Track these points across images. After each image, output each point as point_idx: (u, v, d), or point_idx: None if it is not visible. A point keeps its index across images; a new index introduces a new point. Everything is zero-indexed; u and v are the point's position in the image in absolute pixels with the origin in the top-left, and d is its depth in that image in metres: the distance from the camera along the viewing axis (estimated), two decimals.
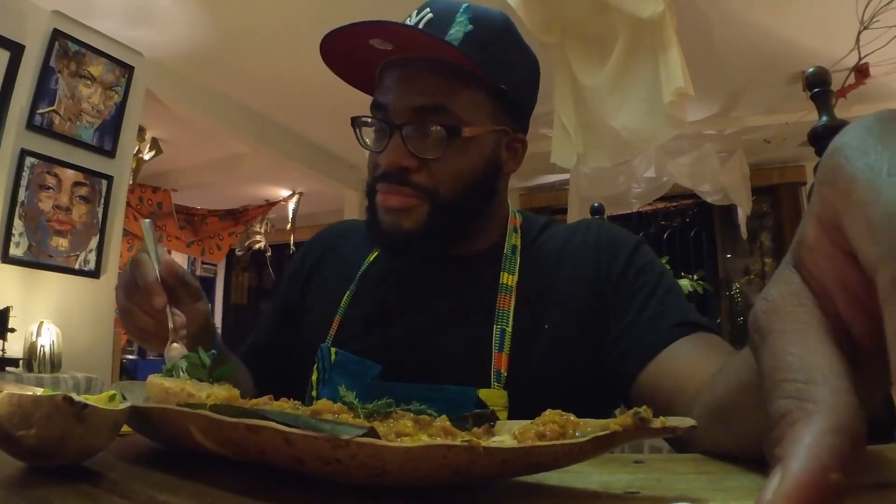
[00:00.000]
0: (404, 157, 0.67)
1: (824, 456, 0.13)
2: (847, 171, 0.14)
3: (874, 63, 2.77)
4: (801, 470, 0.13)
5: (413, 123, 0.67)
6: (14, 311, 2.44)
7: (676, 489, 0.34)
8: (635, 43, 2.05)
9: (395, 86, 0.69)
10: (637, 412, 0.32)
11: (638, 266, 0.70)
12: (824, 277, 0.17)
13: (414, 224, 0.68)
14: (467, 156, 0.69)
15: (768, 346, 0.16)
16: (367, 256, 0.81)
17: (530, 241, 0.76)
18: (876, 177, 0.14)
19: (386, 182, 0.69)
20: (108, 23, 2.89)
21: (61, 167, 2.80)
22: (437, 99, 0.67)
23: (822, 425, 0.13)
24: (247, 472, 0.36)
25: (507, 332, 0.67)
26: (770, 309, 0.17)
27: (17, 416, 0.31)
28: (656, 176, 3.78)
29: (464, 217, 0.71)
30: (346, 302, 0.77)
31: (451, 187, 0.68)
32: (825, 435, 0.13)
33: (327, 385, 0.71)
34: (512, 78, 0.71)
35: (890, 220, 0.13)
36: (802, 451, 0.13)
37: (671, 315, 0.65)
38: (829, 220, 0.16)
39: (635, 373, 0.63)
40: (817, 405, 0.14)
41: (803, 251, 0.17)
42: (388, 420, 0.39)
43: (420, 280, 0.76)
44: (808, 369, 0.15)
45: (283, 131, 4.21)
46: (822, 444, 0.13)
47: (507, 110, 0.72)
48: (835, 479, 0.13)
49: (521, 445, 0.30)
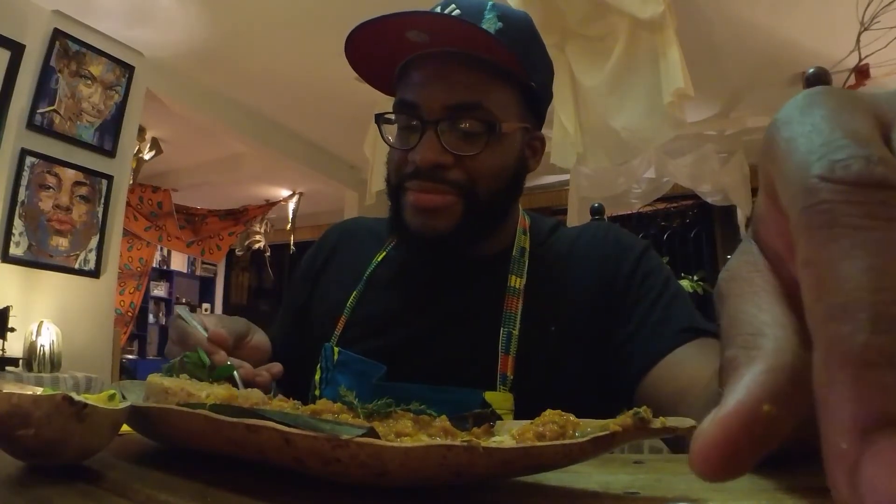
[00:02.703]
0: (440, 153, 0.65)
1: (757, 390, 0.14)
2: (776, 141, 0.15)
3: (874, 64, 2.77)
4: (734, 401, 0.14)
5: (448, 120, 0.65)
6: (14, 310, 2.44)
7: (676, 489, 0.34)
8: (635, 43, 2.05)
9: (426, 82, 0.67)
10: (637, 412, 0.32)
11: (645, 271, 0.70)
12: (775, 243, 0.18)
13: (447, 223, 0.67)
14: (502, 153, 0.68)
15: (725, 309, 0.17)
16: (376, 256, 0.80)
17: (539, 244, 0.76)
18: (793, 141, 0.15)
19: (419, 180, 0.66)
20: (109, 22, 2.89)
21: (61, 167, 2.80)
22: (474, 96, 0.65)
23: (760, 366, 0.14)
24: (247, 472, 0.36)
25: (513, 335, 0.67)
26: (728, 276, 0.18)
27: (16, 416, 0.31)
28: (656, 176, 3.77)
29: (495, 216, 0.71)
30: (352, 302, 0.76)
31: (488, 186, 0.67)
32: (761, 373, 0.14)
33: (331, 385, 0.70)
34: (538, 78, 0.71)
35: (797, 171, 0.14)
36: (739, 387, 0.14)
37: (676, 320, 0.65)
38: (768, 189, 0.17)
39: (639, 376, 0.63)
40: (760, 350, 0.15)
41: (757, 223, 0.18)
42: (388, 420, 0.39)
43: (428, 282, 0.75)
44: (757, 323, 0.16)
45: (283, 131, 4.21)
46: (757, 380, 0.14)
47: (531, 108, 0.72)
48: (766, 409, 0.13)
49: (520, 446, 0.30)
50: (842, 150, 0.13)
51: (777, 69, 3.18)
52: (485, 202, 0.68)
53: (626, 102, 2.10)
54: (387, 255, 0.79)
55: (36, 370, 2.49)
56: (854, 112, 0.15)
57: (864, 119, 0.14)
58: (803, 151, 0.14)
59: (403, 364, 0.68)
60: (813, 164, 0.13)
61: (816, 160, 0.13)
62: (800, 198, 0.13)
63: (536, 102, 0.73)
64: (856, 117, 0.14)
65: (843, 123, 0.14)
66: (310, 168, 4.52)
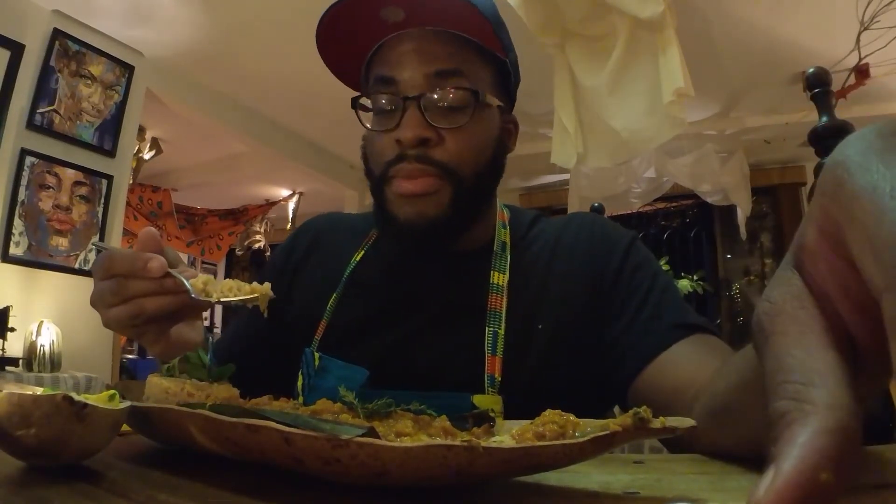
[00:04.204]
0: (425, 128, 0.63)
1: (816, 456, 0.13)
2: (849, 188, 0.15)
3: (874, 63, 2.77)
4: (792, 469, 0.13)
5: (430, 91, 0.63)
6: (14, 310, 2.44)
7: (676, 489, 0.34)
8: (635, 43, 2.05)
9: (404, 57, 0.65)
10: (637, 412, 0.32)
11: (634, 263, 0.69)
12: (825, 281, 0.17)
13: (436, 210, 0.65)
14: (484, 129, 0.67)
15: (770, 348, 0.17)
16: (354, 255, 0.77)
17: (520, 238, 0.74)
18: (879, 198, 0.14)
19: (404, 163, 0.64)
20: (109, 22, 2.89)
21: (61, 167, 2.80)
22: (454, 64, 0.64)
23: (817, 426, 0.14)
24: (247, 472, 0.36)
25: (499, 334, 0.65)
26: (772, 311, 0.17)
27: (16, 416, 0.31)
28: (656, 176, 3.78)
29: (480, 200, 0.69)
30: (332, 305, 0.73)
31: (471, 164, 0.65)
32: (819, 435, 0.13)
33: (314, 391, 0.67)
34: (511, 56, 0.70)
35: (893, 248, 0.13)
36: (795, 450, 0.13)
37: (668, 316, 0.64)
38: (830, 231, 0.16)
39: (632, 376, 0.62)
40: (814, 406, 0.14)
41: (804, 255, 0.17)
42: (388, 420, 0.39)
43: (410, 282, 0.73)
44: (807, 371, 0.15)
45: (283, 131, 4.21)
46: (815, 444, 0.13)
47: (505, 88, 0.71)
48: (825, 478, 0.13)
49: (520, 445, 0.30)
50: None
51: (777, 69, 3.18)
52: (470, 184, 0.66)
53: (626, 102, 2.09)
54: (366, 254, 0.76)
55: (36, 370, 2.49)
56: None
57: None
58: None
59: (388, 368, 0.66)
60: None
61: None
62: None
63: (508, 83, 0.72)
64: None
65: None
66: (310, 168, 4.52)
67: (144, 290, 0.55)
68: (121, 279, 0.54)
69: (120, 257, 0.55)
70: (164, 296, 0.55)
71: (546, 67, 2.38)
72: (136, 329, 0.57)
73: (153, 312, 0.55)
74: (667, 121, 2.00)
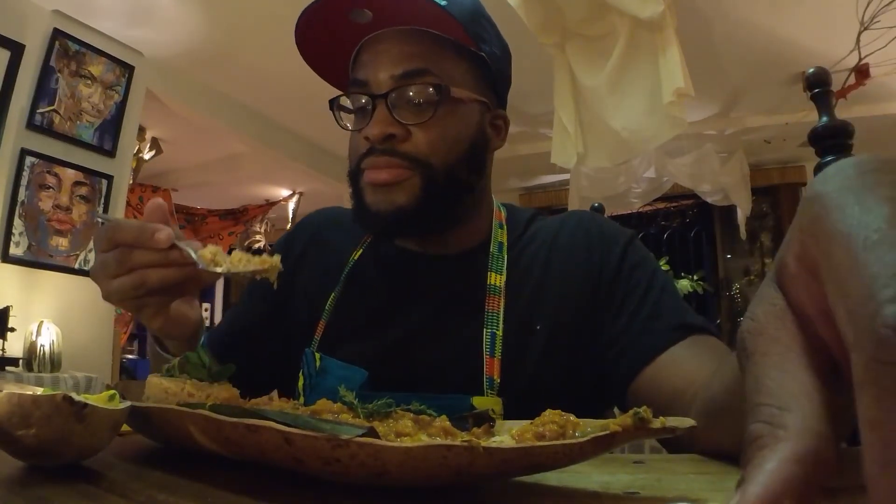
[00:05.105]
0: (391, 124, 0.64)
1: (780, 484, 0.14)
2: (826, 228, 0.15)
3: (874, 63, 2.77)
4: (755, 495, 0.14)
5: (397, 90, 0.65)
6: (14, 310, 2.44)
7: (676, 489, 0.34)
8: (635, 43, 2.05)
9: (373, 59, 0.67)
10: (637, 412, 0.32)
11: (632, 262, 0.69)
12: (805, 304, 0.17)
13: (407, 199, 0.65)
14: (456, 122, 0.67)
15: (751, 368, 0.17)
16: (353, 254, 0.77)
17: (517, 238, 0.74)
18: (853, 247, 0.14)
19: (372, 156, 0.66)
20: (109, 22, 2.89)
21: (61, 167, 2.80)
22: (420, 64, 0.65)
23: (786, 453, 0.14)
24: (247, 472, 0.36)
25: (497, 335, 0.65)
26: (755, 329, 0.18)
27: (16, 416, 0.31)
28: (656, 176, 3.78)
29: (457, 192, 0.68)
30: (331, 305, 0.73)
31: (442, 156, 0.66)
32: (786, 463, 0.14)
33: (315, 391, 0.67)
34: (489, 51, 0.70)
35: (864, 304, 0.13)
36: (761, 476, 0.14)
37: (667, 317, 0.64)
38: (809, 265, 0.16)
39: (631, 377, 0.62)
40: (786, 432, 0.14)
41: (785, 277, 0.18)
42: (388, 420, 0.39)
43: (407, 282, 0.73)
44: (784, 395, 0.15)
45: (283, 131, 4.21)
46: (782, 472, 0.14)
47: (488, 84, 0.71)
48: None
49: (520, 446, 0.30)
50: None
51: (777, 69, 3.18)
52: (442, 175, 0.66)
53: (626, 102, 2.10)
54: (363, 253, 0.77)
55: (36, 370, 2.49)
56: None
57: None
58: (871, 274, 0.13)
59: (386, 370, 0.66)
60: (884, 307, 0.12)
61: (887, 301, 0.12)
62: (868, 345, 0.12)
63: (492, 78, 0.72)
64: None
65: None
66: (310, 168, 4.52)
67: (149, 260, 0.53)
68: (125, 249, 0.53)
69: (126, 226, 0.54)
70: (168, 268, 0.54)
71: (546, 67, 2.38)
72: (137, 301, 0.56)
73: (156, 284, 0.54)
74: (667, 121, 2.01)
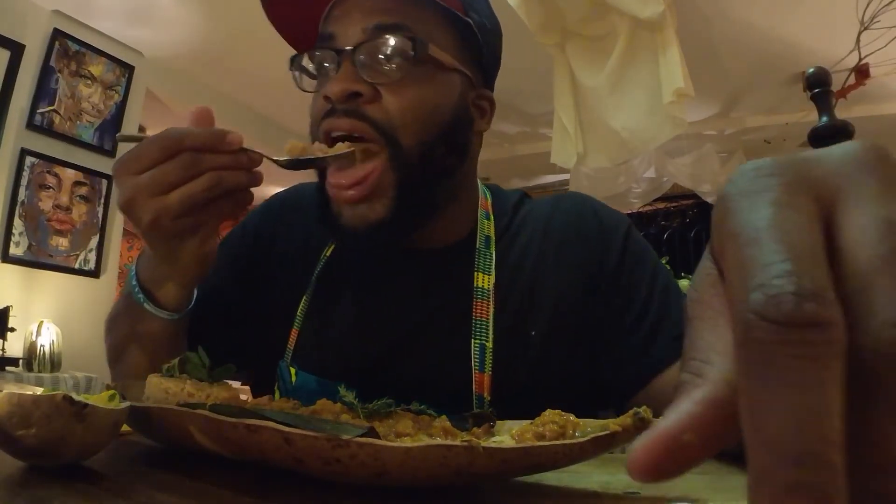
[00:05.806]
0: (354, 81, 0.55)
1: (685, 419, 0.15)
2: (725, 227, 0.16)
3: (874, 63, 2.77)
4: (662, 427, 0.15)
5: (366, 43, 0.56)
6: (14, 310, 2.44)
7: (676, 489, 0.34)
8: (635, 43, 2.05)
9: (344, 13, 0.59)
10: (637, 412, 0.32)
11: (633, 257, 0.64)
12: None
13: (379, 213, 0.56)
14: (434, 90, 0.58)
15: (689, 331, 0.19)
16: (325, 250, 0.68)
17: (505, 228, 0.67)
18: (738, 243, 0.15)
19: (332, 117, 0.56)
20: (109, 22, 2.89)
21: (61, 167, 2.80)
22: (397, 18, 0.57)
23: (697, 395, 0.16)
24: (247, 472, 0.36)
25: (487, 347, 0.58)
26: (695, 298, 0.19)
27: (16, 416, 0.31)
28: (656, 176, 3.78)
29: (433, 175, 0.59)
30: (302, 310, 0.66)
31: (415, 130, 0.56)
32: (694, 403, 0.15)
33: None
34: (478, 20, 0.62)
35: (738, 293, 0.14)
36: (672, 413, 0.16)
37: (670, 327, 0.60)
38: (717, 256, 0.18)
39: (633, 393, 0.59)
40: (703, 380, 0.16)
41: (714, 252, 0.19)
42: (388, 420, 0.39)
43: (384, 283, 0.65)
44: (709, 351, 0.17)
45: (282, 131, 4.21)
46: (688, 410, 0.15)
47: (473, 57, 0.63)
48: (687, 439, 0.15)
49: (520, 446, 0.30)
50: (778, 280, 0.13)
51: (777, 69, 3.18)
52: (415, 155, 0.56)
53: (626, 102, 2.10)
54: (336, 249, 0.68)
55: (36, 370, 2.49)
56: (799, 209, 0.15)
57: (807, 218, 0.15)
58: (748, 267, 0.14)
59: (369, 386, 0.57)
60: (752, 294, 0.14)
61: (755, 289, 0.14)
62: (738, 328, 0.14)
63: (479, 52, 0.64)
64: (800, 215, 0.15)
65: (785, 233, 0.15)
66: None
67: (223, 162, 0.50)
68: (194, 154, 0.50)
69: (196, 130, 0.51)
70: (241, 171, 0.51)
71: (546, 67, 2.38)
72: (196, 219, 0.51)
73: (231, 185, 0.51)
74: (667, 121, 2.01)
